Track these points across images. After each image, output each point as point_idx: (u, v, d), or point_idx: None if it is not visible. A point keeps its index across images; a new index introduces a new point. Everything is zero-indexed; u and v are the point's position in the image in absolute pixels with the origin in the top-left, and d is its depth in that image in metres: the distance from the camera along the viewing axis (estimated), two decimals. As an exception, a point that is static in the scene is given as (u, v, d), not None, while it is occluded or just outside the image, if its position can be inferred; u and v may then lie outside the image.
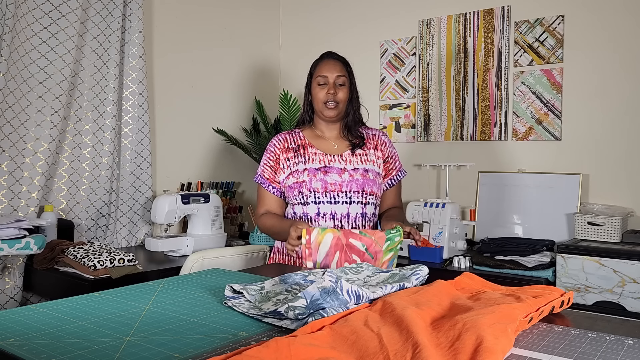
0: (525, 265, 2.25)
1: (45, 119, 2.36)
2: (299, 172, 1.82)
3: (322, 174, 1.79)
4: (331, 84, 1.83)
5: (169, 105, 2.97)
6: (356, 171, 1.81)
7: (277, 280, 1.13)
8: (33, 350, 0.78)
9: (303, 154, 1.85)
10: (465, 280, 1.12)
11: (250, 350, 0.72)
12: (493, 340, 0.74)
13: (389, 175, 1.91)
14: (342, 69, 1.86)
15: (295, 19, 3.63)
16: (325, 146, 1.88)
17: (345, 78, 1.85)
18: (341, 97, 1.84)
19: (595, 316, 1.01)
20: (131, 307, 1.01)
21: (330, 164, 1.82)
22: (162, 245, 2.45)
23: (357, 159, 1.85)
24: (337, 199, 1.78)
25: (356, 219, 1.79)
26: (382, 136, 1.94)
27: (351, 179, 1.80)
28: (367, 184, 1.80)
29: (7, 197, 2.26)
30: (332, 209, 1.78)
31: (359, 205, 1.79)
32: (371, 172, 1.83)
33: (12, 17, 2.22)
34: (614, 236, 2.31)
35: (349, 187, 1.79)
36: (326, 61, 1.87)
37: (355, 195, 1.79)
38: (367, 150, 1.88)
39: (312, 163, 1.82)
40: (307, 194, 1.78)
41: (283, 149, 1.89)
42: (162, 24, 2.93)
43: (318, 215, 1.78)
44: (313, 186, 1.78)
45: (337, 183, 1.78)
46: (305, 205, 1.80)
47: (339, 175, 1.80)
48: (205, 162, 3.17)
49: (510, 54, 2.79)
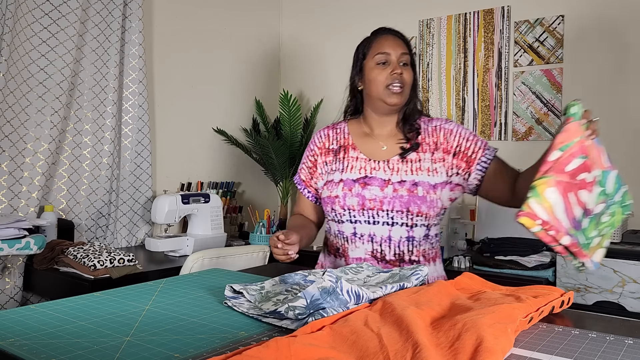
0: (525, 265, 2.25)
1: (45, 119, 2.36)
2: (334, 185, 1.49)
3: (359, 187, 1.45)
4: (395, 63, 1.46)
5: (169, 105, 2.97)
6: (402, 184, 1.43)
7: (277, 280, 1.13)
8: (33, 350, 0.78)
9: (343, 159, 1.53)
10: (465, 280, 1.12)
11: (250, 350, 0.72)
12: (493, 340, 0.74)
13: (474, 161, 1.45)
14: (405, 46, 1.50)
15: (295, 19, 3.63)
16: (372, 148, 1.52)
17: (409, 57, 1.50)
18: (407, 79, 1.47)
19: (595, 316, 1.01)
20: (131, 307, 1.01)
21: (372, 174, 1.46)
22: (162, 245, 2.45)
23: (406, 167, 1.45)
24: (376, 219, 1.43)
25: (400, 244, 1.44)
26: (444, 126, 1.50)
27: (394, 194, 1.42)
28: (413, 203, 1.41)
29: (7, 197, 2.26)
30: (370, 230, 1.44)
31: (404, 228, 1.43)
32: (422, 186, 1.42)
33: (12, 17, 2.22)
34: (614, 236, 2.31)
35: (391, 205, 1.42)
36: (385, 37, 1.51)
37: (399, 215, 1.42)
38: (423, 154, 1.47)
39: (351, 172, 1.49)
40: (340, 212, 1.47)
41: (323, 150, 1.59)
42: (162, 24, 2.93)
43: (355, 236, 1.46)
44: (348, 203, 1.45)
45: (377, 199, 1.43)
46: (340, 223, 1.49)
47: (380, 189, 1.43)
48: (205, 162, 3.17)
49: (510, 54, 2.79)
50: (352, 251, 1.48)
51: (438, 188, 1.44)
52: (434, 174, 1.45)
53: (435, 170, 1.45)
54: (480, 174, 1.45)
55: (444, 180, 1.45)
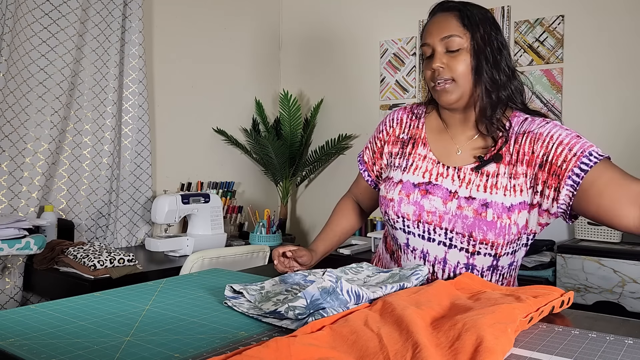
0: (525, 265, 2.25)
1: (45, 119, 2.36)
2: (392, 185, 1.28)
3: (419, 195, 1.22)
4: (437, 54, 1.18)
5: (169, 105, 2.97)
6: (469, 202, 1.16)
7: (277, 280, 1.13)
8: (33, 350, 0.78)
9: (408, 154, 1.30)
10: (465, 280, 1.12)
11: (250, 350, 0.72)
12: (493, 340, 0.74)
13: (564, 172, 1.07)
14: (453, 25, 1.17)
15: (295, 19, 3.63)
16: (444, 149, 1.27)
17: (462, 38, 1.16)
18: (458, 69, 1.17)
19: (595, 316, 1.01)
20: (131, 307, 1.01)
21: (437, 180, 1.22)
22: (162, 245, 2.45)
23: (479, 181, 1.18)
24: (432, 236, 1.21)
25: (457, 269, 1.20)
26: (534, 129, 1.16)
27: (458, 212, 1.17)
28: (478, 228, 1.15)
29: (7, 197, 2.26)
30: (424, 247, 1.23)
31: (463, 253, 1.19)
32: (493, 209, 1.14)
33: (12, 17, 2.22)
34: (614, 236, 2.31)
35: (451, 224, 1.18)
36: (431, 21, 1.22)
37: (459, 238, 1.18)
38: (504, 166, 1.17)
39: (414, 174, 1.26)
40: (394, 218, 1.26)
41: (392, 137, 1.36)
42: (162, 24, 2.93)
43: (407, 248, 1.26)
44: (402, 210, 1.24)
45: (436, 213, 1.19)
46: (394, 230, 1.28)
47: (443, 202, 1.19)
48: (205, 162, 3.17)
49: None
50: (404, 262, 1.28)
51: (514, 211, 1.14)
52: (511, 193, 1.15)
53: (513, 189, 1.15)
54: (571, 191, 1.07)
55: (524, 200, 1.14)
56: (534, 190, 1.14)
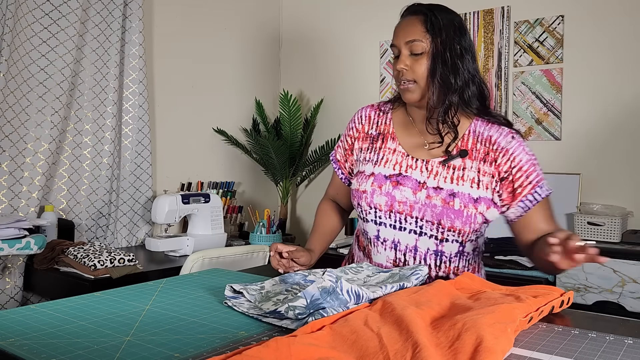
0: (525, 265, 2.25)
1: (46, 119, 2.36)
2: (364, 178, 1.34)
3: (391, 186, 1.29)
4: (403, 56, 1.27)
5: (169, 105, 2.97)
6: (438, 192, 1.25)
7: (277, 280, 1.13)
8: (33, 350, 0.78)
9: (378, 149, 1.37)
10: (465, 280, 1.12)
11: (250, 350, 0.72)
12: (493, 340, 0.74)
13: (518, 196, 1.26)
14: (417, 30, 1.25)
15: (295, 19, 3.63)
16: (413, 142, 1.34)
17: (424, 42, 1.25)
18: (419, 72, 1.25)
19: (595, 316, 1.01)
20: (131, 307, 1.01)
21: (407, 172, 1.30)
22: (162, 245, 2.45)
23: (447, 173, 1.27)
24: (403, 225, 1.29)
25: (427, 257, 1.29)
26: (500, 139, 1.28)
27: (427, 202, 1.25)
28: (446, 216, 1.24)
29: (8, 197, 2.26)
30: (395, 236, 1.30)
31: (432, 240, 1.27)
32: (460, 199, 1.24)
33: (13, 17, 2.22)
34: (614, 236, 2.31)
35: (421, 212, 1.26)
36: (400, 22, 1.31)
37: (428, 226, 1.26)
38: (470, 161, 1.28)
39: (384, 167, 1.33)
40: (366, 209, 1.33)
41: (362, 134, 1.42)
42: (162, 24, 2.93)
43: (377, 240, 1.33)
44: (375, 201, 1.30)
45: (407, 203, 1.27)
46: (365, 222, 1.36)
47: (413, 192, 1.27)
48: (205, 162, 3.17)
49: (510, 54, 2.79)
50: (374, 255, 1.35)
51: (480, 203, 1.25)
52: (478, 186, 1.26)
53: (479, 183, 1.26)
54: (519, 212, 1.27)
55: (487, 196, 1.26)
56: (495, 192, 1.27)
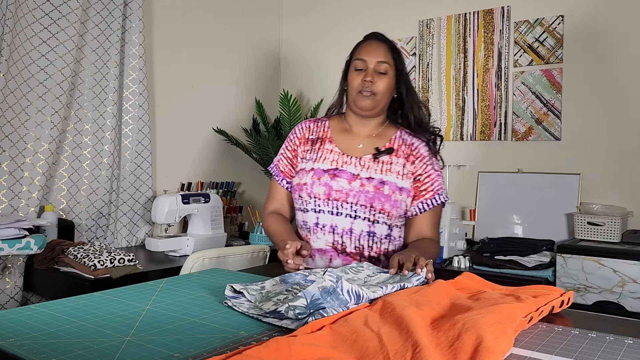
0: (525, 265, 2.25)
1: (46, 119, 2.36)
2: (305, 172, 1.56)
3: (328, 177, 1.51)
4: (370, 70, 1.52)
5: (169, 105, 2.97)
6: (370, 181, 1.49)
7: (278, 280, 1.13)
8: (33, 350, 0.78)
9: (317, 149, 1.59)
10: (465, 280, 1.12)
11: (250, 350, 0.72)
12: (493, 340, 0.74)
13: (419, 197, 1.53)
14: (386, 54, 1.54)
15: (295, 19, 3.63)
16: (348, 143, 1.59)
17: (389, 66, 1.54)
18: (380, 87, 1.52)
19: (595, 316, 1.01)
20: (131, 307, 1.01)
21: (343, 167, 1.53)
22: (162, 245, 2.45)
23: (377, 167, 1.52)
24: (340, 210, 1.49)
25: (361, 238, 1.50)
26: (420, 147, 1.57)
27: (361, 189, 1.48)
28: (377, 199, 1.47)
29: (8, 197, 2.26)
30: (332, 221, 1.50)
31: (366, 222, 1.49)
32: (388, 186, 1.49)
33: (13, 17, 2.22)
34: (613, 236, 2.31)
35: (356, 198, 1.48)
36: (368, 43, 1.58)
37: (362, 209, 1.48)
38: (396, 158, 1.54)
39: (322, 162, 1.55)
40: (306, 200, 1.52)
41: (303, 139, 1.64)
42: (162, 24, 2.93)
43: (317, 227, 1.52)
44: (314, 191, 1.51)
45: (343, 191, 1.49)
46: (305, 212, 1.54)
47: (348, 182, 1.50)
48: (205, 162, 3.17)
49: (510, 54, 2.79)
50: (314, 242, 1.53)
51: (404, 192, 1.51)
52: (403, 178, 1.52)
53: (403, 176, 1.52)
54: (415, 211, 1.54)
55: (408, 188, 1.52)
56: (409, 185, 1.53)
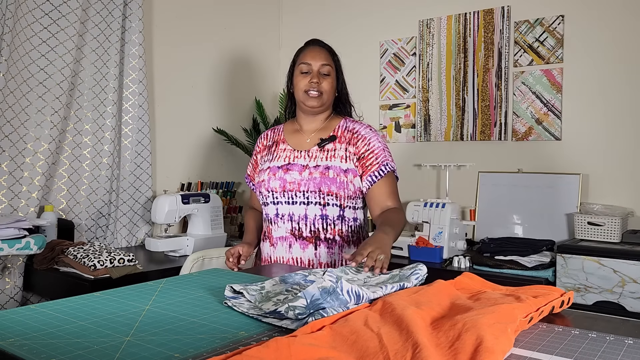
0: (525, 265, 2.25)
1: (46, 119, 2.36)
2: (263, 172, 1.75)
3: (282, 172, 1.69)
4: (315, 73, 1.70)
5: (169, 105, 2.97)
6: (317, 169, 1.66)
7: (277, 280, 1.13)
8: (33, 350, 0.78)
9: (273, 151, 1.78)
10: (465, 280, 1.12)
11: (250, 350, 0.72)
12: (493, 340, 0.74)
13: (367, 171, 1.68)
14: (327, 57, 1.72)
15: (295, 18, 3.63)
16: (298, 141, 1.76)
17: (331, 68, 1.72)
18: (325, 87, 1.70)
19: (595, 316, 1.01)
20: (131, 307, 1.01)
21: (294, 161, 1.71)
22: (162, 245, 2.45)
23: (323, 155, 1.69)
24: (295, 199, 1.66)
25: (315, 222, 1.66)
26: (361, 129, 1.73)
27: (310, 177, 1.65)
28: (324, 183, 1.64)
29: (7, 197, 2.26)
30: (290, 210, 1.67)
31: (318, 207, 1.65)
32: (332, 170, 1.65)
33: (12, 17, 2.22)
34: (614, 236, 2.31)
35: (306, 186, 1.65)
36: (311, 48, 1.74)
37: (313, 195, 1.64)
38: (339, 144, 1.71)
39: (277, 161, 1.73)
40: (266, 194, 1.71)
41: (262, 147, 1.85)
42: (162, 24, 2.93)
43: (277, 217, 1.69)
44: (271, 185, 1.69)
45: (296, 182, 1.66)
46: (266, 206, 1.73)
47: (299, 173, 1.67)
48: (205, 162, 3.17)
49: (510, 54, 2.79)
50: (275, 231, 1.70)
51: (350, 173, 1.66)
52: (346, 161, 1.68)
53: (347, 159, 1.68)
54: (367, 185, 1.68)
55: (353, 168, 1.68)
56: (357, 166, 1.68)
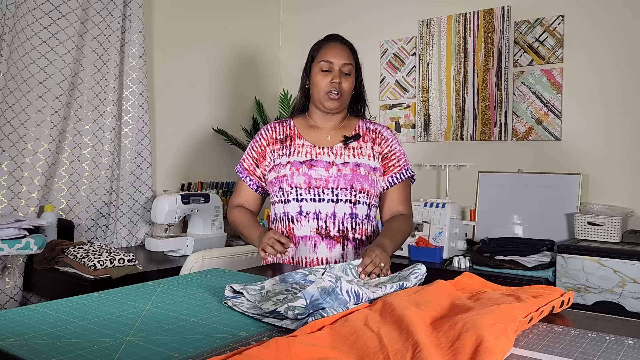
0: (525, 265, 2.25)
1: (45, 119, 2.36)
2: (281, 166, 1.64)
3: (306, 168, 1.60)
4: (336, 72, 1.62)
5: (169, 105, 2.97)
6: (346, 165, 1.61)
7: (277, 280, 1.13)
8: (33, 350, 0.78)
9: (289, 145, 1.68)
10: (465, 280, 1.12)
11: (250, 350, 0.72)
12: (493, 340, 0.74)
13: (389, 172, 1.67)
14: (349, 56, 1.65)
15: (295, 18, 3.63)
16: (317, 137, 1.69)
17: (352, 67, 1.65)
18: (346, 87, 1.64)
19: (595, 316, 1.01)
20: (131, 307, 1.01)
21: (317, 157, 1.63)
22: (162, 245, 2.45)
23: (349, 152, 1.64)
24: (322, 197, 1.58)
25: (344, 220, 1.59)
26: (382, 130, 1.71)
27: (339, 174, 1.59)
28: (356, 180, 1.59)
29: (7, 197, 2.26)
30: (316, 208, 1.59)
31: (348, 205, 1.59)
32: (363, 167, 1.62)
33: (12, 17, 2.22)
34: (614, 236, 2.31)
35: (335, 183, 1.58)
36: (332, 45, 1.66)
37: (343, 192, 1.58)
38: (364, 143, 1.67)
39: (297, 156, 1.64)
40: (288, 190, 1.61)
41: (270, 140, 1.72)
42: (162, 24, 2.93)
43: (300, 215, 1.60)
44: (295, 181, 1.59)
45: (322, 178, 1.59)
46: (286, 204, 1.62)
47: (325, 170, 1.60)
48: (205, 162, 3.17)
49: (510, 54, 2.79)
50: (298, 230, 1.61)
51: (377, 171, 1.65)
52: (374, 159, 1.66)
53: (374, 157, 1.66)
54: (385, 186, 1.68)
55: (379, 167, 1.66)
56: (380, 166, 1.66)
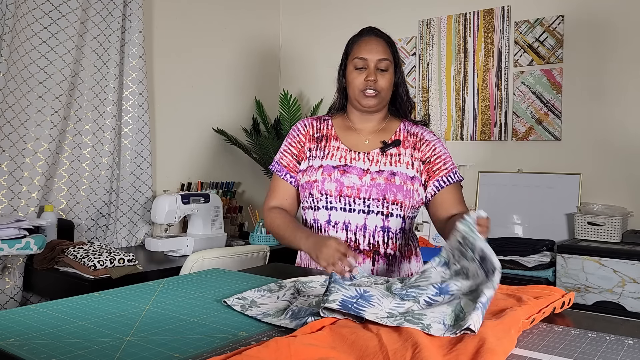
0: (525, 266, 2.25)
1: (45, 119, 2.36)
2: (313, 170, 1.52)
3: (339, 174, 1.48)
4: (372, 70, 1.49)
5: (169, 105, 2.96)
6: (380, 174, 1.47)
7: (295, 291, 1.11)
8: (33, 350, 0.78)
9: (324, 147, 1.56)
10: (465, 280, 1.12)
11: (250, 350, 0.72)
12: (495, 341, 0.74)
13: (434, 176, 1.50)
14: (385, 50, 1.51)
15: (295, 19, 3.63)
16: (354, 140, 1.56)
17: (390, 62, 1.52)
18: (383, 85, 1.50)
19: (595, 316, 1.01)
20: (131, 307, 1.01)
21: (351, 163, 1.50)
22: (162, 245, 2.45)
23: (385, 160, 1.50)
24: (353, 207, 1.46)
25: (375, 234, 1.47)
26: (424, 133, 1.56)
27: (372, 182, 1.46)
28: (389, 191, 1.45)
29: (7, 197, 2.26)
30: (345, 218, 1.47)
31: (379, 217, 1.46)
32: (399, 176, 1.47)
33: (12, 17, 2.22)
34: (614, 236, 2.31)
35: (368, 193, 1.46)
36: (366, 40, 1.53)
37: (375, 203, 1.45)
38: (404, 149, 1.53)
39: (331, 159, 1.52)
40: (317, 197, 1.49)
41: (308, 136, 1.59)
42: (162, 24, 2.93)
43: (329, 224, 1.48)
44: (326, 188, 1.48)
45: (355, 187, 1.46)
46: (316, 210, 1.50)
47: (359, 178, 1.47)
48: (205, 162, 3.17)
49: (510, 54, 2.79)
50: None
51: (416, 181, 1.50)
52: (412, 168, 1.51)
53: (412, 165, 1.51)
54: (434, 190, 1.50)
55: (418, 176, 1.51)
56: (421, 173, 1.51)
